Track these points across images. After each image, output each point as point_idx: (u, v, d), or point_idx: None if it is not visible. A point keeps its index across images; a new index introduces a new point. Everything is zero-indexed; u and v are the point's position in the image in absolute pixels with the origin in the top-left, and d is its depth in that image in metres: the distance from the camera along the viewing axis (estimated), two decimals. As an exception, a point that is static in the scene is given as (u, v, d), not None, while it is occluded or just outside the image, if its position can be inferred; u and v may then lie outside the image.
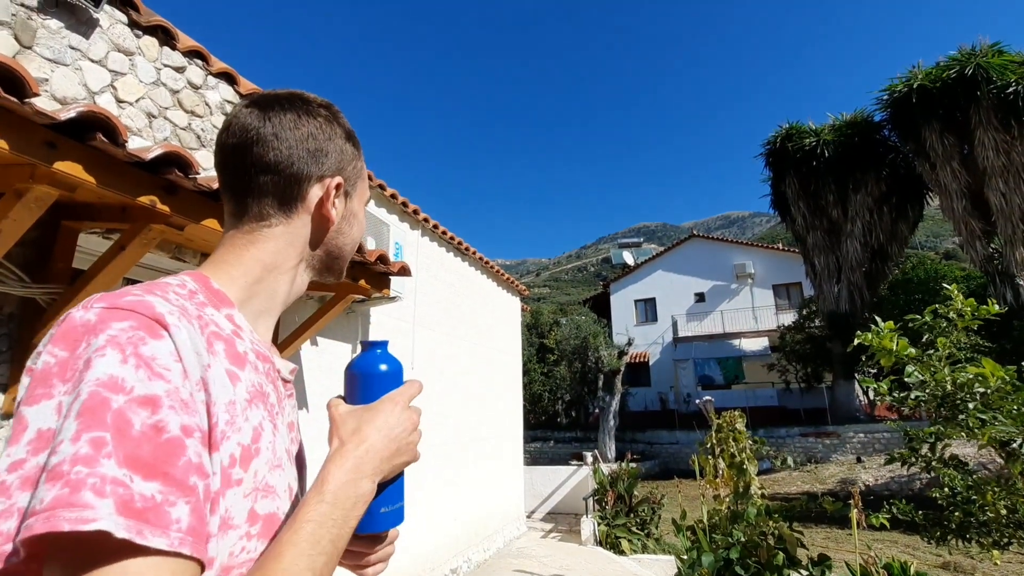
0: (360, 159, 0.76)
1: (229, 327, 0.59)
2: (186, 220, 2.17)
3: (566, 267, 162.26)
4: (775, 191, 19.16)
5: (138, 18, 2.87)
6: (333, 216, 0.70)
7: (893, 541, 8.48)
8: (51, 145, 1.72)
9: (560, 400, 22.92)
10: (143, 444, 0.43)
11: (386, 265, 3.48)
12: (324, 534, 0.52)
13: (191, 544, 0.44)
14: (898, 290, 18.31)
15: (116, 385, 0.45)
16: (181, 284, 0.58)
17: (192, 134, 3.14)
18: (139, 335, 0.47)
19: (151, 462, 0.43)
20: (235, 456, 0.52)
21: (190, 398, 0.48)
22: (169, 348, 0.48)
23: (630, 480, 8.25)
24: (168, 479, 0.44)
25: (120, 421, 0.43)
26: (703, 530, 4.00)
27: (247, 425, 0.54)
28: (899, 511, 3.51)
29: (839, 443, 15.65)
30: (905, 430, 3.65)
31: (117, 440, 0.43)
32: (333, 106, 0.74)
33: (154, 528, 0.42)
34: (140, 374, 0.46)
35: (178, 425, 0.46)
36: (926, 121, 14.63)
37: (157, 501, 0.43)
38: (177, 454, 0.45)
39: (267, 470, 0.56)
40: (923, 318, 3.40)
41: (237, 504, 0.52)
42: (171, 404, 0.46)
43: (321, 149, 0.68)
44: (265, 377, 0.62)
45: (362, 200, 0.77)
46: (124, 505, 0.41)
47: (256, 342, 0.63)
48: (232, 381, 0.55)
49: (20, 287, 2.22)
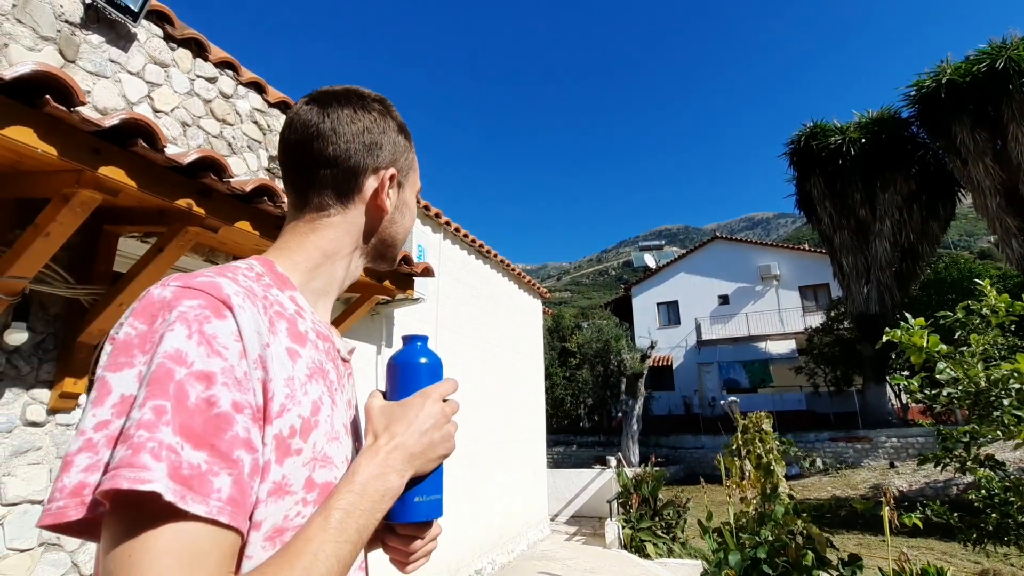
0: (411, 151, 0.80)
1: (292, 307, 0.64)
2: (220, 222, 2.26)
3: (587, 271, 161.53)
4: (800, 191, 18.80)
5: (173, 32, 3.00)
6: (387, 206, 0.74)
7: (929, 548, 8.21)
8: (96, 151, 1.82)
9: (582, 404, 22.78)
10: (196, 416, 0.47)
11: (410, 266, 3.55)
12: (351, 523, 0.54)
13: (229, 513, 0.46)
14: (930, 290, 17.77)
15: (180, 358, 0.48)
16: (249, 267, 0.63)
17: (223, 141, 3.25)
18: (205, 313, 0.51)
19: (201, 433, 0.47)
20: (295, 427, 0.56)
21: (244, 376, 0.51)
22: (231, 328, 0.51)
23: (655, 483, 8.17)
24: (214, 450, 0.47)
25: (179, 392, 0.47)
26: (730, 531, 3.95)
27: (306, 399, 0.58)
28: (933, 512, 3.42)
29: (871, 448, 15.21)
30: (939, 430, 3.56)
31: (175, 409, 0.46)
32: (386, 100, 0.78)
33: (196, 495, 0.45)
34: (201, 350, 0.49)
35: (229, 401, 0.49)
36: (956, 117, 14.21)
37: (203, 470, 0.46)
38: (224, 428, 0.48)
39: (325, 441, 0.60)
40: (955, 315, 3.33)
41: (296, 472, 0.55)
42: (225, 381, 0.49)
43: (376, 142, 0.73)
44: (325, 355, 0.66)
45: (414, 189, 0.81)
46: (174, 470, 0.44)
47: (317, 322, 0.68)
48: (292, 358, 0.58)
49: (65, 288, 2.33)
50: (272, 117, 3.63)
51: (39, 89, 1.62)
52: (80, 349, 2.37)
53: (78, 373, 2.36)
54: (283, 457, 0.54)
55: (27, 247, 1.97)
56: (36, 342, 2.29)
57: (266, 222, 2.46)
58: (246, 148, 3.40)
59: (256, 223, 2.40)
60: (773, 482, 4.18)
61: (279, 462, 0.54)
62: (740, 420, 4.75)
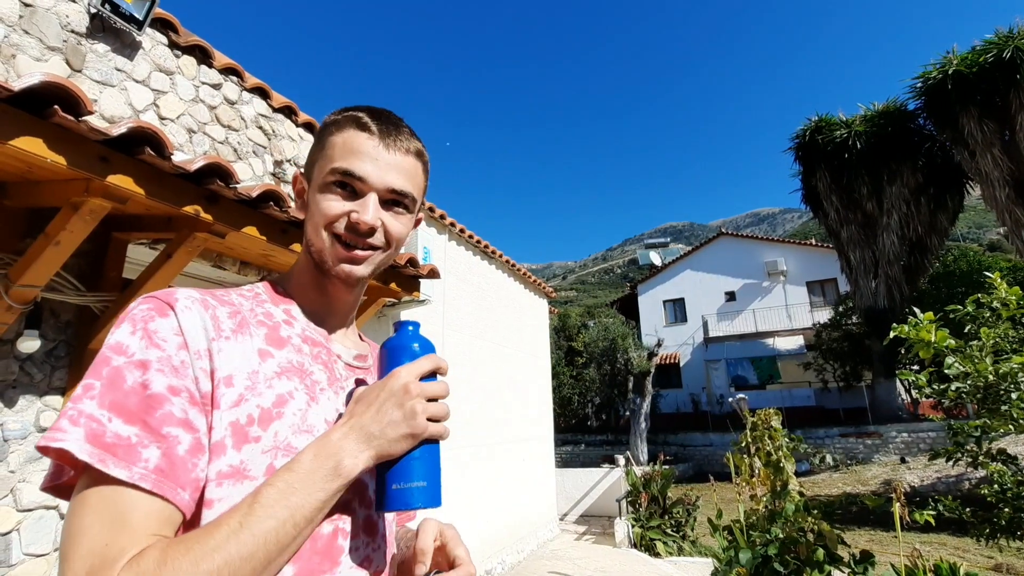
0: (324, 141, 0.72)
1: (281, 317, 0.70)
2: (227, 228, 2.27)
3: (592, 269, 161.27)
4: (806, 185, 18.67)
5: (177, 39, 3.03)
6: (299, 211, 0.80)
7: (942, 543, 8.15)
8: (104, 160, 1.83)
9: (590, 403, 22.75)
10: (130, 396, 0.54)
11: (415, 268, 3.56)
12: (281, 500, 0.54)
13: (152, 481, 0.52)
14: (939, 283, 17.61)
15: (120, 349, 0.56)
16: (250, 288, 0.73)
17: (229, 147, 3.27)
18: (151, 314, 0.58)
19: (133, 410, 0.53)
20: (253, 416, 0.60)
21: (181, 365, 0.57)
22: (172, 324, 0.58)
23: (663, 481, 8.15)
24: (145, 426, 0.53)
25: (114, 375, 0.55)
26: (740, 529, 3.94)
27: (269, 392, 0.62)
28: (945, 508, 3.40)
29: (881, 443, 15.10)
30: (950, 425, 3.53)
31: (105, 388, 0.54)
32: (346, 108, 0.74)
33: (119, 460, 0.51)
34: (142, 343, 0.56)
35: (164, 385, 0.55)
36: (963, 108, 14.07)
37: (132, 442, 0.52)
38: (155, 407, 0.54)
39: (290, 433, 0.62)
40: (965, 309, 3.30)
41: (254, 458, 0.59)
42: (160, 368, 0.56)
43: (309, 159, 0.76)
44: (311, 358, 0.69)
45: (319, 180, 0.71)
46: (94, 436, 0.52)
47: (308, 329, 0.72)
48: (262, 357, 0.64)
49: (76, 296, 2.36)
50: (276, 122, 3.66)
51: (47, 99, 1.64)
52: (91, 356, 2.39)
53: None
54: (240, 443, 0.59)
55: (38, 256, 1.99)
56: (48, 349, 2.32)
57: (273, 227, 2.47)
58: (251, 153, 3.42)
59: (263, 228, 2.42)
60: (783, 479, 4.15)
61: (236, 447, 0.58)
62: (749, 417, 4.72)
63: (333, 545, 0.63)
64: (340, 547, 0.64)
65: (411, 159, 0.73)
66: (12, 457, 2.16)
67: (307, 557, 0.60)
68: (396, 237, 0.73)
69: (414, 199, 0.74)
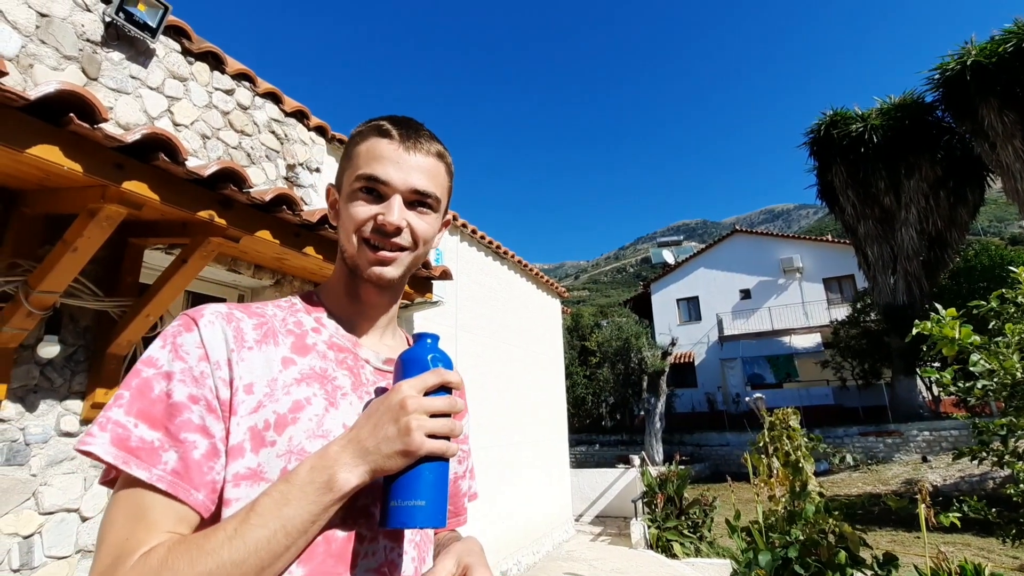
0: (351, 152, 0.76)
1: (311, 325, 0.74)
2: (241, 232, 2.29)
3: (605, 269, 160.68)
4: (821, 181, 18.41)
5: (190, 46, 3.06)
6: (332, 218, 0.81)
7: (966, 544, 7.98)
8: (119, 166, 1.86)
9: (604, 403, 22.65)
10: (156, 404, 0.59)
11: (428, 270, 3.56)
12: (275, 510, 0.56)
13: (168, 482, 0.57)
14: (960, 279, 17.24)
15: (150, 362, 0.62)
16: (287, 300, 0.78)
17: (242, 152, 3.30)
18: (179, 329, 0.64)
19: (158, 417, 0.59)
20: (269, 422, 0.63)
21: (201, 375, 0.61)
22: (195, 339, 0.63)
23: (680, 482, 8.07)
24: (167, 432, 0.58)
25: (143, 386, 0.60)
26: (759, 530, 3.88)
27: (286, 399, 0.65)
28: (970, 509, 3.32)
29: (902, 442, 14.82)
30: (974, 423, 3.45)
31: (133, 397, 0.59)
32: (372, 119, 0.77)
33: (141, 463, 0.56)
34: (169, 356, 0.62)
35: (185, 394, 0.60)
36: (983, 99, 13.77)
37: (155, 446, 0.58)
38: (175, 415, 0.59)
39: (304, 438, 0.64)
40: (988, 304, 3.22)
41: (271, 461, 0.62)
42: (182, 379, 0.61)
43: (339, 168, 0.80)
44: (335, 364, 0.72)
45: (348, 187, 0.75)
46: (119, 440, 0.57)
47: (337, 336, 0.75)
48: (285, 365, 0.67)
49: (94, 301, 2.39)
50: (289, 126, 3.68)
51: (63, 107, 1.66)
52: (110, 360, 2.42)
53: (108, 383, 2.42)
54: (258, 447, 0.62)
55: (57, 262, 2.02)
56: (68, 354, 2.35)
57: (286, 230, 2.49)
58: (264, 158, 3.45)
59: (276, 232, 2.43)
60: (802, 480, 4.09)
61: (254, 451, 0.62)
62: (767, 417, 4.66)
63: (348, 548, 0.64)
64: (357, 551, 0.64)
65: (432, 160, 0.76)
66: (34, 461, 2.19)
67: (320, 559, 0.61)
68: (423, 236, 0.75)
69: (438, 199, 0.77)
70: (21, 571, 2.10)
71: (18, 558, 2.10)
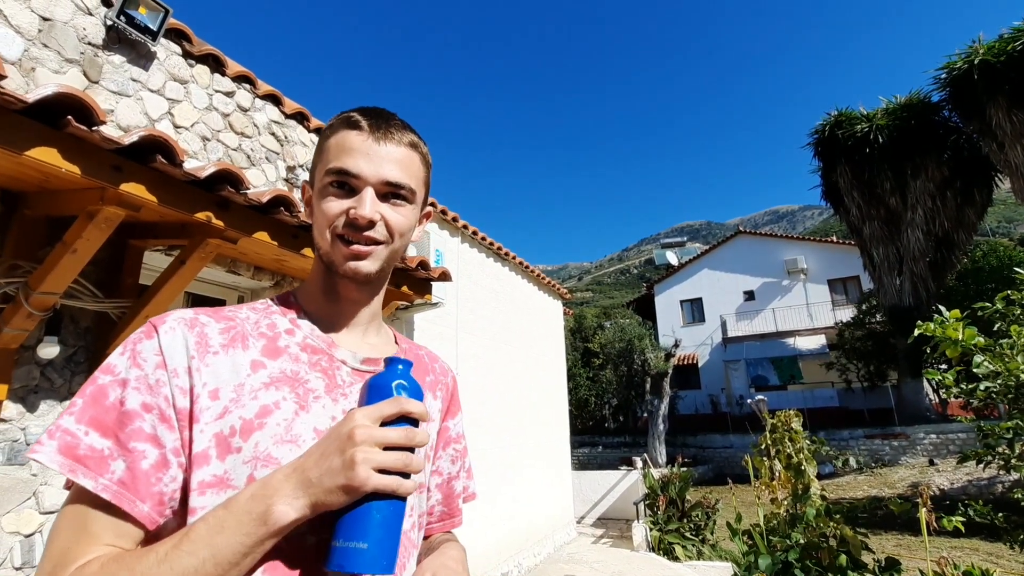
0: (322, 146, 0.73)
1: (285, 327, 0.72)
2: (239, 234, 2.29)
3: (608, 270, 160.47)
4: (826, 182, 18.30)
5: (191, 48, 3.07)
6: (307, 217, 0.79)
7: (974, 548, 7.90)
8: (117, 168, 1.86)
9: (607, 405, 22.61)
10: (109, 411, 0.58)
11: (427, 271, 3.56)
12: (206, 538, 0.53)
13: (113, 492, 0.55)
14: (968, 280, 17.10)
15: (108, 368, 0.61)
16: (264, 301, 0.76)
17: (243, 154, 3.31)
18: (139, 336, 0.63)
19: (109, 425, 0.58)
20: (235, 428, 0.62)
21: (156, 383, 0.60)
22: (153, 346, 0.62)
23: (682, 484, 8.04)
24: (117, 440, 0.57)
25: (97, 392, 0.59)
26: (760, 533, 3.86)
27: (253, 403, 0.63)
28: (976, 513, 3.28)
29: (908, 445, 14.71)
30: (980, 426, 3.41)
31: (86, 404, 0.58)
32: (346, 111, 0.75)
33: (88, 471, 0.55)
34: (127, 363, 0.61)
35: (138, 402, 0.59)
36: (991, 98, 13.65)
37: (104, 454, 0.56)
38: (127, 423, 0.58)
39: (272, 443, 0.62)
40: (994, 306, 3.19)
41: (237, 468, 0.61)
42: (136, 386, 0.59)
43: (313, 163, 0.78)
44: (308, 366, 0.70)
45: (320, 182, 0.73)
46: (67, 448, 0.56)
47: (312, 337, 0.73)
48: (254, 368, 0.65)
49: (94, 302, 2.40)
50: (289, 128, 3.69)
51: (62, 110, 1.67)
52: (109, 361, 2.43)
53: (108, 384, 2.43)
54: (224, 454, 0.61)
55: (56, 263, 2.03)
56: (68, 355, 2.36)
57: (284, 232, 2.49)
58: (264, 160, 3.46)
59: (274, 233, 2.43)
60: (804, 482, 4.06)
61: (220, 458, 0.60)
62: (768, 419, 4.63)
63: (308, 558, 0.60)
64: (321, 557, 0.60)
65: (404, 150, 0.73)
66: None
67: (282, 571, 0.58)
68: (398, 229, 0.72)
69: (413, 190, 0.74)
70: (23, 569, 2.12)
71: (20, 556, 2.12)
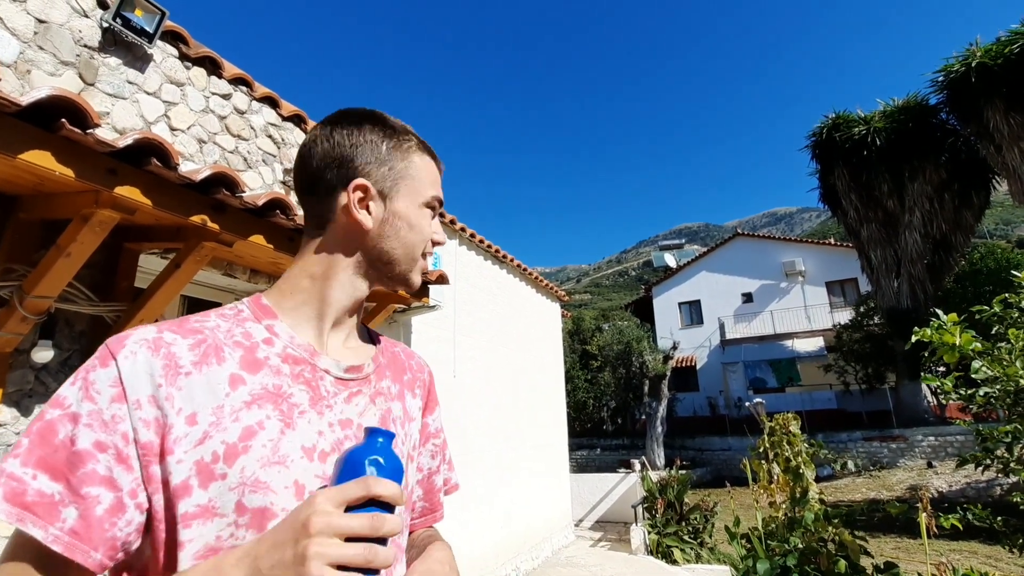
0: (404, 159, 0.74)
1: (262, 336, 0.67)
2: (234, 237, 2.28)
3: (606, 272, 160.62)
4: (824, 184, 18.34)
5: (187, 51, 3.06)
6: (363, 220, 0.70)
7: (972, 551, 7.90)
8: (112, 171, 1.85)
9: (605, 407, 22.59)
10: (59, 451, 0.53)
11: (424, 273, 3.55)
12: None
13: (64, 544, 0.51)
14: (966, 282, 17.13)
15: (57, 402, 0.56)
16: (232, 306, 0.70)
17: (239, 156, 3.30)
18: (94, 363, 0.57)
19: (59, 467, 0.52)
20: (218, 453, 0.57)
21: (112, 420, 0.55)
22: (111, 375, 0.56)
23: (680, 487, 8.03)
24: (68, 484, 0.52)
25: (45, 430, 0.54)
26: (758, 537, 3.85)
27: (235, 426, 0.59)
28: (975, 516, 3.27)
29: (907, 447, 14.71)
30: (978, 430, 3.40)
31: (32, 444, 0.53)
32: (376, 113, 0.75)
33: (37, 520, 0.50)
34: (79, 394, 0.55)
35: (91, 441, 0.54)
36: (988, 101, 13.70)
37: (55, 500, 0.51)
38: (79, 465, 0.53)
39: (258, 467, 0.58)
40: (991, 309, 3.18)
41: (223, 496, 0.56)
42: (89, 422, 0.54)
43: (346, 156, 0.70)
44: (291, 378, 0.65)
45: (412, 200, 0.74)
46: (13, 495, 0.51)
47: (292, 347, 0.68)
48: (233, 385, 0.61)
49: (89, 306, 2.39)
50: (286, 131, 3.68)
51: (56, 113, 1.66)
52: (104, 365, 2.42)
53: (103, 388, 2.41)
54: (207, 481, 0.56)
55: (51, 267, 2.02)
56: (62, 359, 2.35)
57: (279, 235, 2.48)
58: (261, 162, 3.45)
59: (270, 236, 2.42)
60: (803, 486, 4.06)
61: (203, 486, 0.56)
62: (766, 422, 4.63)
63: None
64: None
65: None
66: (27, 466, 2.18)
67: None
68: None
69: None
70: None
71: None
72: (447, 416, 5.26)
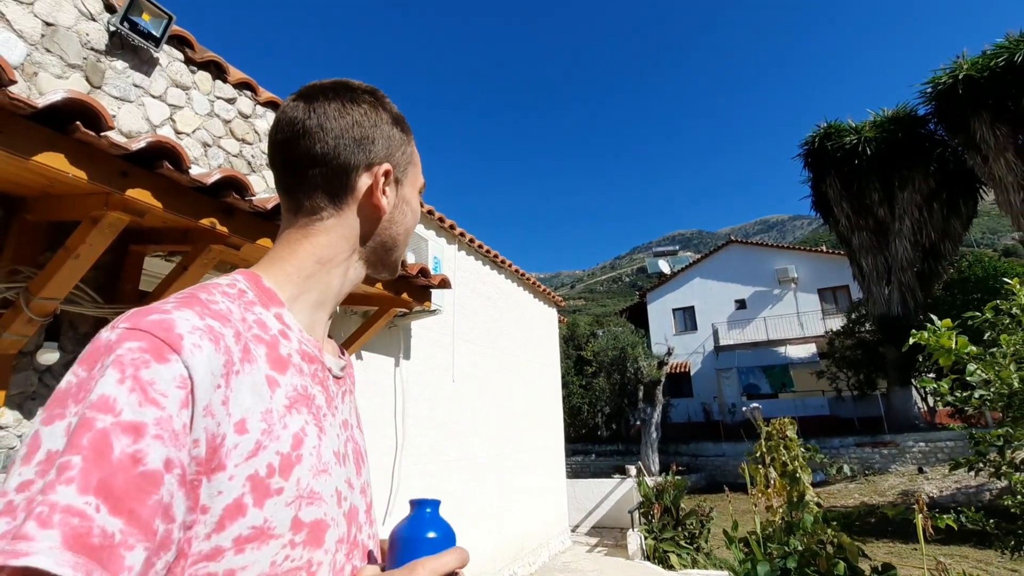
0: (410, 144, 0.74)
1: (277, 327, 0.58)
2: (242, 240, 2.29)
3: (600, 278, 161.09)
4: (816, 192, 18.58)
5: (193, 55, 3.08)
6: (384, 204, 0.68)
7: (964, 555, 7.97)
8: (124, 174, 1.86)
9: (600, 413, 22.59)
10: (119, 473, 0.40)
11: (427, 278, 3.57)
12: None
13: None
14: (954, 290, 17.37)
15: (106, 405, 0.42)
16: (231, 284, 0.59)
17: (243, 160, 3.32)
18: (144, 357, 0.44)
19: (121, 495, 0.40)
20: (273, 465, 0.50)
21: (183, 429, 0.44)
22: (174, 373, 0.45)
23: (676, 492, 8.05)
24: (133, 517, 0.40)
25: (100, 443, 0.40)
26: (757, 541, 3.87)
27: (286, 433, 0.53)
28: (968, 520, 3.32)
29: (898, 453, 14.83)
30: (971, 434, 3.46)
31: (89, 464, 0.40)
32: (378, 91, 0.72)
33: (103, 573, 0.38)
34: (133, 398, 0.43)
35: (161, 458, 0.42)
36: (975, 112, 13.97)
37: (116, 541, 0.39)
38: (149, 491, 0.41)
39: (311, 477, 0.54)
40: (983, 315, 3.25)
41: (279, 513, 0.50)
42: (158, 433, 0.43)
43: (367, 136, 0.67)
44: (311, 379, 0.60)
45: (415, 186, 0.75)
46: (76, 538, 0.37)
47: (304, 341, 0.61)
48: (271, 388, 0.53)
49: (94, 308, 2.39)
50: (289, 135, 3.70)
51: (70, 116, 1.67)
52: (108, 367, 2.41)
53: (107, 391, 2.41)
54: (262, 499, 0.49)
55: (58, 269, 2.02)
56: (66, 361, 2.34)
57: (287, 238, 2.49)
58: (265, 166, 3.46)
59: (277, 240, 2.44)
60: (800, 490, 4.09)
61: (258, 504, 0.48)
62: (763, 427, 4.67)
63: None
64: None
65: None
66: (30, 469, 2.17)
67: None
68: None
69: None
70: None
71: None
72: (446, 419, 5.27)
